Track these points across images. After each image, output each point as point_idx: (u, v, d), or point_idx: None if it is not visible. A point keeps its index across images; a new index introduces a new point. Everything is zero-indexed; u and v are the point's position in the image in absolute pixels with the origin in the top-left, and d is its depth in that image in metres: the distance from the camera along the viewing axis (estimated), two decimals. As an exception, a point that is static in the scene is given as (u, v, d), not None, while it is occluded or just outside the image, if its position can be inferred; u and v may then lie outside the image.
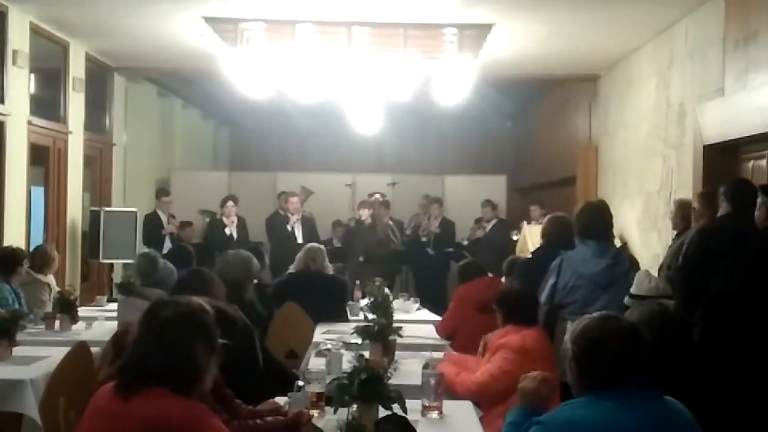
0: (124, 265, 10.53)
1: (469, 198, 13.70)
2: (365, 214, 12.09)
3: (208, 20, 8.27)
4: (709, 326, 4.21)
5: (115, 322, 6.50)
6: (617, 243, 7.10)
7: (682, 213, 6.96)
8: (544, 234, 6.73)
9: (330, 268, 8.25)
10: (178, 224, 11.90)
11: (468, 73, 8.57)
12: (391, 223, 12.38)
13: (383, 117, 10.51)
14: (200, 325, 2.91)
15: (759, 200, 5.03)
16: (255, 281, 6.28)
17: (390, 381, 3.73)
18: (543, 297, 5.86)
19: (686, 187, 7.59)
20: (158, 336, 2.83)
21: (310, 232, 11.85)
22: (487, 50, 9.14)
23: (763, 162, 6.48)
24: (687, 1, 7.50)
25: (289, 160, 16.32)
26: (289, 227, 11.92)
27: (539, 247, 6.81)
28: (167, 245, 11.12)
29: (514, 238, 11.74)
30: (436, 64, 8.84)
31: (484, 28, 8.43)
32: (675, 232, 7.22)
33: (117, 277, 10.52)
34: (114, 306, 7.51)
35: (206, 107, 16.09)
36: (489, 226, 12.74)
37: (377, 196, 12.44)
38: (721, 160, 7.00)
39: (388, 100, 9.61)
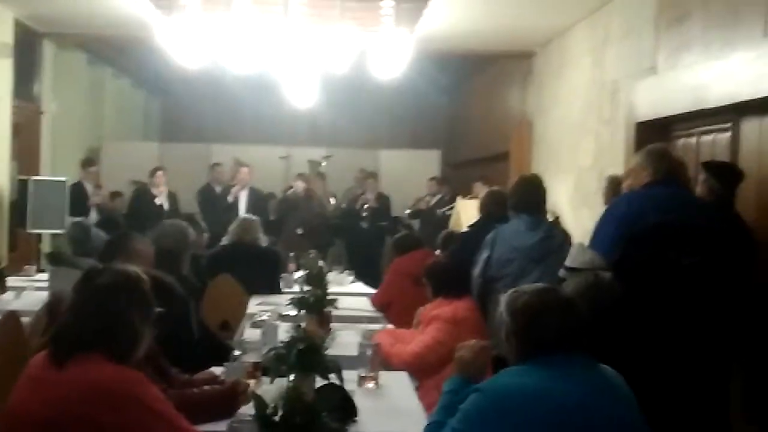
0: (53, 235, 10.37)
1: (403, 172, 13.75)
2: (300, 186, 12.06)
3: (143, -13, 8.15)
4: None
5: (45, 292, 6.41)
6: (550, 217, 7.17)
7: (614, 189, 7.06)
8: (482, 208, 6.78)
9: (264, 240, 8.22)
10: (107, 195, 11.75)
11: (404, 47, 8.56)
12: (327, 194, 12.41)
13: (318, 89, 10.46)
14: (137, 292, 2.89)
15: (701, 177, 5.13)
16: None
17: (326, 352, 3.74)
18: (477, 270, 5.91)
19: (618, 164, 7.69)
20: (95, 303, 2.81)
21: (256, 206, 11.73)
22: (424, 24, 9.15)
23: (693, 140, 6.60)
24: (622, -20, 7.60)
25: (223, 131, 16.16)
26: (230, 198, 11.83)
27: (476, 221, 6.85)
28: (93, 216, 10.98)
29: (446, 212, 11.86)
30: (372, 37, 8.81)
31: (421, 2, 8.42)
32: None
33: (45, 246, 10.35)
34: (43, 276, 7.41)
35: (137, 76, 15.86)
36: (433, 201, 12.85)
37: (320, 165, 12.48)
38: (653, 137, 7.07)
39: (324, 73, 9.56)
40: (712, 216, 4.59)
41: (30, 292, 6.86)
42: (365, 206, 12.68)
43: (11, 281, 7.24)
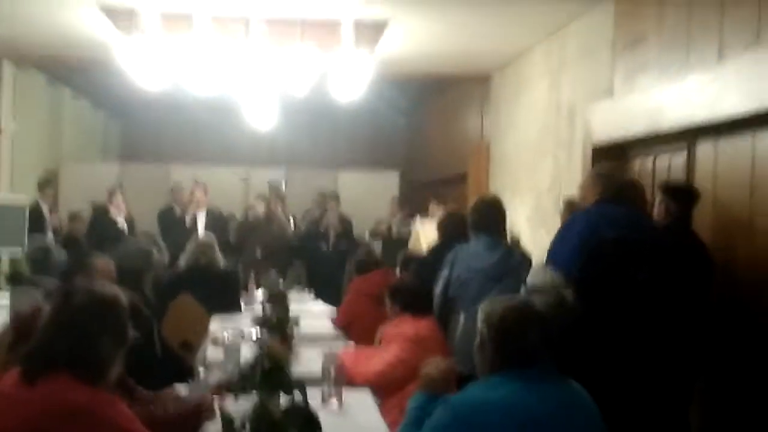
0: (11, 256, 10.26)
1: (362, 193, 13.79)
2: (260, 208, 12.05)
3: (104, 9, 8.13)
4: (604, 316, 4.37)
5: (4, 312, 6.37)
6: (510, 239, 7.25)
7: (570, 211, 7.14)
8: (440, 229, 6.84)
9: (221, 261, 8.22)
10: (67, 216, 11.66)
11: (364, 69, 8.62)
12: (286, 215, 12.39)
13: (277, 110, 10.48)
14: (113, 315, 2.88)
15: (658, 198, 5.23)
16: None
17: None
18: (438, 288, 5.96)
19: (575, 186, 7.75)
20: (69, 323, 2.79)
21: (214, 227, 11.63)
22: (384, 47, 9.23)
23: (649, 162, 6.71)
24: (577, 5, 7.69)
25: (183, 152, 16.11)
26: (188, 220, 11.77)
27: (437, 243, 6.90)
28: (50, 238, 10.88)
29: (402, 231, 11.93)
30: (332, 59, 8.86)
31: (380, 25, 8.50)
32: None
33: (4, 267, 10.24)
34: (1, 296, 7.35)
35: (97, 97, 15.78)
36: (394, 222, 12.92)
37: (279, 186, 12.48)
38: (609, 159, 7.20)
39: (283, 94, 9.59)
40: (663, 234, 4.70)
41: (-12, 313, 6.79)
42: (332, 233, 12.59)
43: (-31, 302, 7.16)
